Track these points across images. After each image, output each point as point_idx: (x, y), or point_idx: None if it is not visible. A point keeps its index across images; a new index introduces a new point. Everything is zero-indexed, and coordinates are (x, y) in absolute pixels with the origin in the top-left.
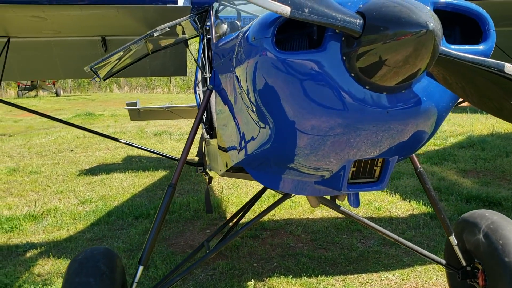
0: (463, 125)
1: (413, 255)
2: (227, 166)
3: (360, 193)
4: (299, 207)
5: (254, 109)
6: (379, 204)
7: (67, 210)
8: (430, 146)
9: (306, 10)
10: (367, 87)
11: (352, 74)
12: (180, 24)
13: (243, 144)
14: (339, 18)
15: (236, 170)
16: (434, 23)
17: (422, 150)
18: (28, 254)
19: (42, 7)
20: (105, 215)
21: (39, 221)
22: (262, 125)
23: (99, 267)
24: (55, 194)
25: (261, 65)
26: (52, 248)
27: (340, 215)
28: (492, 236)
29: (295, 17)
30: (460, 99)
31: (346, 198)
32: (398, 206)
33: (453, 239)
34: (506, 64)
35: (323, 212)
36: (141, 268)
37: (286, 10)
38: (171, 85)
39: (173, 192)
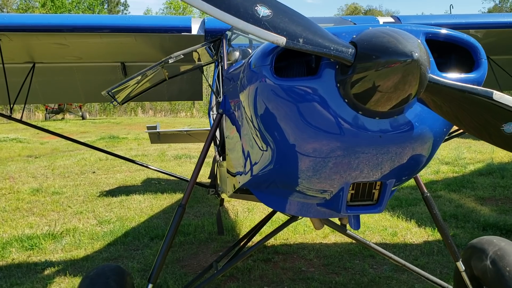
0: (483, 152)
1: (425, 281)
2: (234, 188)
3: (376, 218)
4: (312, 232)
5: (257, 133)
6: (394, 230)
7: (86, 230)
8: (449, 173)
9: (301, 40)
10: (360, 112)
11: (346, 100)
12: (196, 51)
13: (248, 166)
14: (332, 48)
15: (243, 192)
16: (419, 52)
17: (440, 176)
18: (46, 272)
19: (65, 35)
20: (122, 235)
21: (58, 240)
22: (264, 147)
23: (109, 283)
24: (75, 214)
25: (261, 90)
26: (69, 267)
27: (354, 240)
28: (499, 262)
29: (290, 46)
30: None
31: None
32: (413, 233)
33: (460, 265)
34: (495, 91)
35: (337, 237)
36: (150, 286)
37: (282, 40)
38: (194, 110)
39: (183, 212)
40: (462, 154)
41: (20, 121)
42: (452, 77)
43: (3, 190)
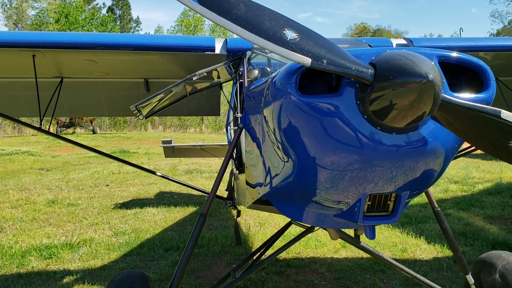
0: (492, 172)
1: None
2: (253, 199)
3: (386, 234)
4: (324, 247)
5: (279, 145)
6: (404, 246)
7: (102, 240)
8: (457, 192)
9: (325, 61)
10: (378, 127)
11: (365, 116)
12: (216, 70)
13: (268, 177)
14: (353, 68)
15: (262, 203)
16: (433, 74)
17: (449, 195)
18: (65, 280)
19: (95, 52)
20: (137, 246)
21: (76, 250)
22: (286, 159)
23: None
24: (90, 225)
25: (285, 106)
26: (87, 276)
27: (365, 255)
28: (508, 276)
29: (314, 67)
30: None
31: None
32: (423, 249)
33: (470, 278)
34: (503, 110)
35: (348, 252)
36: None
37: (307, 61)
38: (203, 125)
39: (204, 221)
40: (471, 174)
41: (51, 133)
42: (463, 96)
43: (20, 201)
